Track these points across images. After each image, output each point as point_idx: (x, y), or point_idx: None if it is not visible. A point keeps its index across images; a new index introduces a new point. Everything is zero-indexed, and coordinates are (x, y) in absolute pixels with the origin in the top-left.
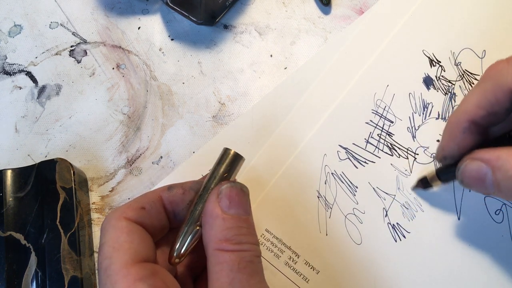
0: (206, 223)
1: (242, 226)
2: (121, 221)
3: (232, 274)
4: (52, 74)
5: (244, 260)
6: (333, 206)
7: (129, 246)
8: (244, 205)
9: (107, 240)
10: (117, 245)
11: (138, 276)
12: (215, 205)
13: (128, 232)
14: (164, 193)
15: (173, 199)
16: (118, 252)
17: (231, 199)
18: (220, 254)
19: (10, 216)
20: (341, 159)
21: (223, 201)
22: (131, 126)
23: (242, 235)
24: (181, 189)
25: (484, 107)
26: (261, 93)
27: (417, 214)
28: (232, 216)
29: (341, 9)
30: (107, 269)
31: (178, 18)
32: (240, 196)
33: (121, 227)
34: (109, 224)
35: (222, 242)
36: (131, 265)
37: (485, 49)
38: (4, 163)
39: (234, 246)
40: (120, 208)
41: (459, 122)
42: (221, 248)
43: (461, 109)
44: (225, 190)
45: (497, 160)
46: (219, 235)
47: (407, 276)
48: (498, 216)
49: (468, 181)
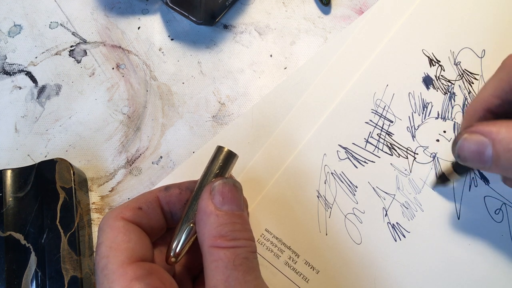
0: (200, 221)
1: (236, 222)
2: (118, 221)
3: (227, 272)
4: (52, 74)
5: (240, 257)
6: (333, 205)
7: (126, 246)
8: (237, 201)
9: (104, 239)
10: (114, 245)
11: (134, 275)
12: (208, 202)
13: (125, 231)
14: (161, 193)
15: (170, 199)
16: (115, 251)
17: (223, 195)
18: (215, 251)
19: (10, 216)
20: (340, 159)
21: (216, 198)
22: (131, 126)
23: (236, 231)
24: (178, 189)
25: (499, 96)
26: (261, 93)
27: (417, 214)
28: (225, 212)
29: (341, 9)
30: (104, 268)
31: (178, 18)
32: (233, 192)
33: (118, 227)
34: (106, 224)
35: (216, 239)
36: (128, 264)
37: (484, 49)
38: (4, 163)
39: (229, 243)
40: (117, 208)
41: (475, 111)
42: (216, 245)
43: (477, 99)
44: (218, 187)
45: (498, 133)
46: (213, 232)
47: (407, 275)
48: (498, 215)
49: (466, 155)
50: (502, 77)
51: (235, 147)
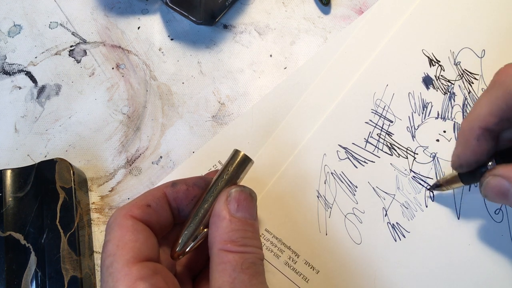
0: (213, 224)
1: (248, 229)
2: (127, 220)
3: (234, 274)
4: (51, 74)
5: (247, 262)
6: (332, 205)
7: (133, 245)
8: (251, 210)
9: (112, 238)
10: (121, 243)
11: (139, 275)
12: (223, 207)
13: (133, 231)
14: (168, 189)
15: (177, 196)
16: (121, 250)
17: (239, 202)
18: (224, 254)
19: (9, 216)
20: (340, 159)
21: (231, 204)
22: (131, 126)
23: (247, 238)
24: (185, 185)
25: (496, 114)
26: (260, 93)
27: (416, 214)
28: (239, 219)
29: (340, 9)
30: (109, 266)
31: (178, 18)
32: (248, 200)
33: (127, 226)
34: (115, 222)
35: (227, 243)
36: (133, 263)
37: (484, 49)
38: (4, 163)
39: (239, 248)
40: (126, 206)
41: (472, 129)
42: (225, 249)
43: (473, 116)
44: (235, 194)
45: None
46: (224, 236)
47: (407, 275)
48: (498, 215)
49: (492, 196)
50: (497, 95)
51: (235, 147)
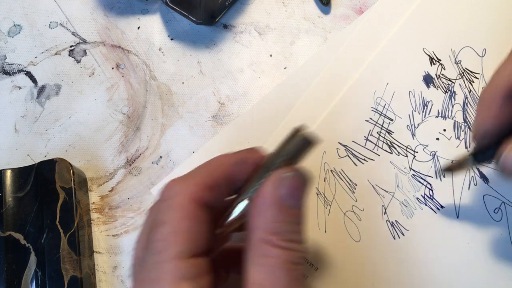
0: (256, 207)
1: (296, 222)
2: (190, 204)
3: (277, 273)
4: (51, 74)
5: (292, 262)
6: (332, 203)
7: (189, 236)
8: (302, 199)
9: (169, 219)
10: (178, 231)
11: (186, 274)
12: (272, 192)
13: (195, 219)
14: (234, 168)
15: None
16: (176, 238)
17: (291, 189)
18: (266, 247)
19: (9, 216)
20: (340, 157)
21: (282, 189)
22: (131, 126)
23: (293, 232)
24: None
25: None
26: (260, 93)
27: (416, 212)
28: (287, 208)
29: (340, 9)
30: (158, 253)
31: (178, 17)
32: (301, 189)
33: (188, 211)
34: (177, 202)
35: (271, 235)
36: (184, 258)
37: (485, 48)
38: (4, 163)
39: (284, 243)
40: (190, 184)
41: (495, 94)
42: (269, 241)
43: (494, 82)
44: (288, 178)
45: None
46: (268, 226)
47: (406, 273)
48: (497, 214)
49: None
50: None
51: (235, 147)
